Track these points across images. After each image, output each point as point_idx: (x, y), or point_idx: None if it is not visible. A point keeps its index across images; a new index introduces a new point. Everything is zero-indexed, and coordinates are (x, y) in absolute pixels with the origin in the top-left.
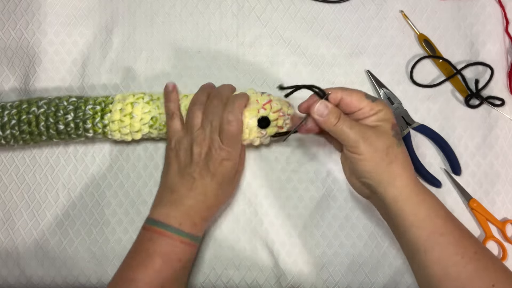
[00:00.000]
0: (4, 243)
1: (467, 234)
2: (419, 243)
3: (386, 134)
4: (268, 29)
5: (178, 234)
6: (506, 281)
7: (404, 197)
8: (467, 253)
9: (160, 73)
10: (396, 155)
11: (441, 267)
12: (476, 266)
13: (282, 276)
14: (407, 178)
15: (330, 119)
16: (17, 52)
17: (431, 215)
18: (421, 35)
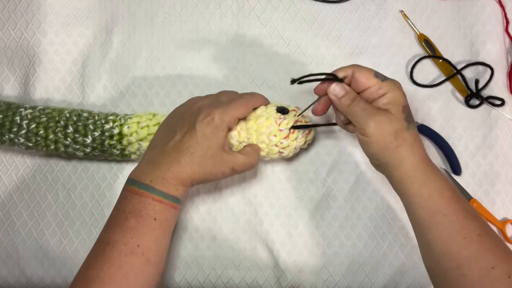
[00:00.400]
0: (4, 243)
1: (472, 215)
2: (423, 221)
3: (396, 117)
4: (268, 29)
5: (148, 191)
6: (505, 263)
7: (409, 178)
8: (470, 234)
9: (160, 73)
10: (405, 139)
11: (442, 245)
12: (477, 248)
13: (282, 276)
14: (414, 160)
15: (345, 100)
16: (17, 52)
17: (434, 196)
18: (421, 35)
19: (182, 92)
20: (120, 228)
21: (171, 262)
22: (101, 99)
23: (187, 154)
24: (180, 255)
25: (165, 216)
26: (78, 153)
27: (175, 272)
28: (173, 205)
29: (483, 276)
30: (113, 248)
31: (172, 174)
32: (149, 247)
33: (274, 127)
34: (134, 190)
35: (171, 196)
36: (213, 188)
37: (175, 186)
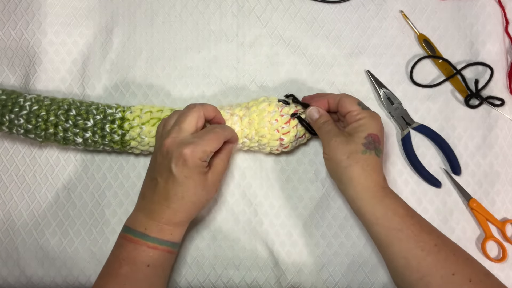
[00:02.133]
0: (4, 243)
1: (427, 228)
2: (381, 239)
3: (355, 140)
4: (268, 29)
5: (144, 239)
6: (466, 269)
7: (361, 199)
8: (427, 246)
9: (160, 73)
10: (357, 160)
11: (402, 259)
12: (436, 258)
13: (282, 276)
14: (364, 181)
15: (318, 121)
16: (18, 52)
17: (388, 214)
18: (421, 35)
19: (182, 92)
20: (115, 275)
21: None
22: (101, 99)
23: (177, 200)
24: (180, 255)
25: (159, 262)
26: (77, 138)
27: (175, 272)
28: (168, 250)
29: (445, 283)
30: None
31: (167, 221)
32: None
33: (276, 112)
34: (129, 238)
35: (166, 241)
36: None
37: (170, 231)
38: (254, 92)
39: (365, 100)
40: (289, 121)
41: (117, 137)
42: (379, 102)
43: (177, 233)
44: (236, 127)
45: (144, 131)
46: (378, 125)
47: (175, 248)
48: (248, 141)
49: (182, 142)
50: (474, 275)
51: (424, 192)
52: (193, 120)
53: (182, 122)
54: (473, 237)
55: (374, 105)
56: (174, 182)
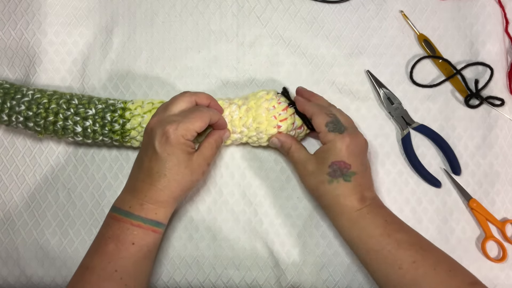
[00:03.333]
0: (4, 243)
1: (406, 245)
2: (360, 257)
3: (321, 169)
4: (268, 29)
5: (128, 217)
6: (448, 282)
7: (336, 222)
8: (404, 264)
9: (160, 73)
10: (325, 191)
11: (383, 277)
12: (414, 275)
13: (282, 276)
14: (336, 208)
15: (283, 149)
16: (18, 52)
17: (362, 237)
18: (421, 35)
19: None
20: (100, 253)
21: (171, 262)
22: None
23: (159, 177)
24: (180, 255)
25: (144, 241)
26: (76, 127)
27: (175, 272)
28: (153, 229)
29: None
30: (92, 273)
31: (150, 199)
32: (128, 272)
33: (274, 99)
34: (115, 217)
35: (151, 220)
36: (213, 188)
37: (155, 210)
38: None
39: (365, 100)
40: (286, 108)
41: (118, 126)
42: (379, 102)
43: (162, 213)
44: (235, 115)
45: (145, 120)
46: (343, 149)
47: (160, 228)
48: (246, 130)
49: (166, 121)
50: (456, 286)
51: (424, 192)
52: (183, 104)
53: (171, 104)
54: (473, 237)
55: (374, 105)
56: (157, 160)
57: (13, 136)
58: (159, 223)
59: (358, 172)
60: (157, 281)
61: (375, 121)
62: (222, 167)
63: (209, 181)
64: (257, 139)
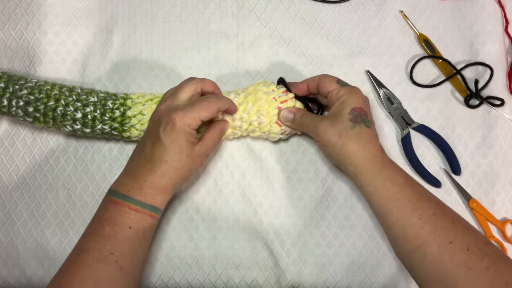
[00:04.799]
0: (4, 243)
1: (425, 197)
2: (380, 208)
3: (341, 119)
4: (268, 29)
5: (126, 201)
6: (465, 238)
7: (361, 172)
8: (424, 214)
9: (160, 73)
10: (350, 136)
11: (400, 227)
12: (433, 227)
13: (282, 276)
14: (363, 155)
15: (296, 119)
16: (18, 52)
17: (386, 184)
18: (421, 35)
19: None
20: (96, 235)
21: (171, 262)
22: None
23: (160, 164)
24: (180, 255)
25: (141, 225)
26: (76, 113)
27: (175, 272)
28: (150, 214)
29: (442, 252)
30: (88, 254)
31: (150, 184)
32: (123, 255)
33: (272, 85)
34: (112, 200)
35: (148, 205)
36: (213, 188)
37: (153, 195)
38: None
39: None
40: (286, 91)
41: (118, 113)
42: (379, 102)
43: (160, 199)
44: (234, 102)
45: (146, 108)
46: (359, 98)
47: (157, 213)
48: (246, 116)
49: (174, 108)
50: (472, 243)
51: None
52: (190, 91)
53: (178, 91)
54: None
55: (374, 105)
56: (160, 146)
57: (13, 136)
58: (156, 208)
59: (373, 123)
60: (157, 281)
61: (375, 121)
62: (222, 167)
63: (209, 181)
64: (258, 124)
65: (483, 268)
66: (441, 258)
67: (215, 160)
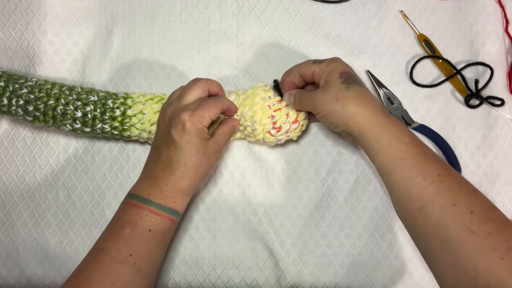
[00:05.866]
0: (4, 243)
1: (431, 158)
2: (384, 167)
3: (332, 84)
4: (268, 29)
5: (147, 204)
6: (470, 200)
7: (367, 130)
8: (429, 175)
9: (160, 73)
10: (348, 97)
11: (404, 188)
12: (438, 187)
13: (282, 276)
14: (366, 113)
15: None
16: (17, 52)
17: (392, 142)
18: (421, 35)
19: None
20: (115, 236)
21: (171, 262)
22: None
23: (179, 166)
24: (180, 255)
25: (160, 228)
26: (76, 112)
27: (175, 272)
28: (170, 218)
29: (445, 214)
30: (106, 255)
31: (171, 188)
32: (141, 258)
33: (271, 91)
34: (133, 203)
35: (169, 208)
36: (213, 188)
37: (174, 199)
38: None
39: None
40: (281, 100)
41: (119, 112)
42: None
43: (180, 202)
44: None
45: (146, 107)
46: (342, 64)
47: (177, 217)
48: (242, 119)
49: (182, 109)
50: (477, 206)
51: None
52: (197, 93)
53: (185, 93)
54: None
55: None
56: (176, 148)
57: (13, 136)
58: (176, 211)
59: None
60: (157, 281)
61: None
62: (222, 167)
63: (209, 181)
64: (252, 131)
65: (486, 232)
66: (443, 220)
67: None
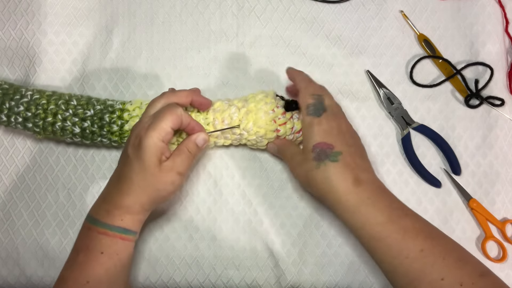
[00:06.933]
0: (4, 243)
1: (412, 232)
2: (364, 245)
3: (307, 157)
4: (268, 29)
5: (94, 224)
6: (457, 272)
7: (336, 210)
8: (411, 252)
9: (160, 73)
10: (315, 178)
11: (388, 266)
12: (422, 264)
13: (282, 276)
14: (332, 195)
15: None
16: (17, 52)
17: (366, 224)
18: (421, 35)
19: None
20: (71, 264)
21: (171, 262)
22: None
23: (125, 181)
24: (180, 255)
25: (113, 249)
26: (75, 128)
27: (175, 272)
28: (121, 236)
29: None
30: (65, 284)
31: (115, 204)
32: (100, 282)
33: (273, 103)
34: (86, 225)
35: (117, 227)
36: (213, 188)
37: (121, 216)
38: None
39: (365, 100)
40: (285, 112)
41: (116, 127)
42: (379, 102)
43: (129, 219)
44: (234, 117)
45: None
46: (320, 131)
47: (129, 235)
48: (246, 134)
49: (140, 124)
50: (466, 277)
51: (424, 192)
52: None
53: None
54: (473, 237)
55: (374, 105)
56: (126, 163)
57: (13, 136)
58: (126, 230)
59: (344, 151)
60: (157, 281)
61: (375, 121)
62: (222, 167)
63: (209, 182)
64: (256, 143)
65: None
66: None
67: (215, 161)
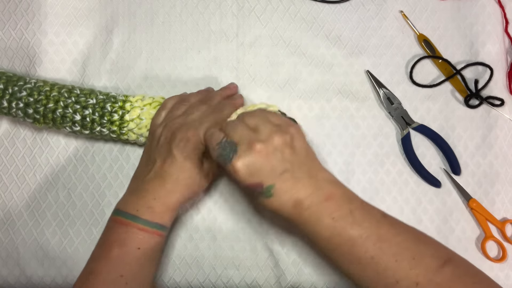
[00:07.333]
0: (4, 243)
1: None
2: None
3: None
4: (268, 29)
5: (134, 221)
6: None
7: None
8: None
9: (160, 73)
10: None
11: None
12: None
13: (282, 276)
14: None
15: None
16: (18, 53)
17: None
18: (420, 35)
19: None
20: (104, 257)
21: (171, 263)
22: None
23: (170, 180)
24: (180, 255)
25: (149, 245)
26: (75, 115)
27: (175, 272)
28: (158, 233)
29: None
30: (97, 278)
31: (159, 202)
32: (133, 277)
33: None
34: (120, 220)
35: (156, 224)
36: (213, 188)
37: (161, 214)
38: (254, 92)
39: (365, 100)
40: None
41: (117, 116)
42: (379, 102)
43: (167, 217)
44: None
45: (144, 112)
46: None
47: (165, 232)
48: None
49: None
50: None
51: (424, 192)
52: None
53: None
54: (473, 237)
55: (374, 105)
56: (172, 162)
57: (13, 136)
58: (163, 226)
59: (275, 181)
60: (157, 281)
61: (375, 121)
62: None
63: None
64: None
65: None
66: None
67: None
